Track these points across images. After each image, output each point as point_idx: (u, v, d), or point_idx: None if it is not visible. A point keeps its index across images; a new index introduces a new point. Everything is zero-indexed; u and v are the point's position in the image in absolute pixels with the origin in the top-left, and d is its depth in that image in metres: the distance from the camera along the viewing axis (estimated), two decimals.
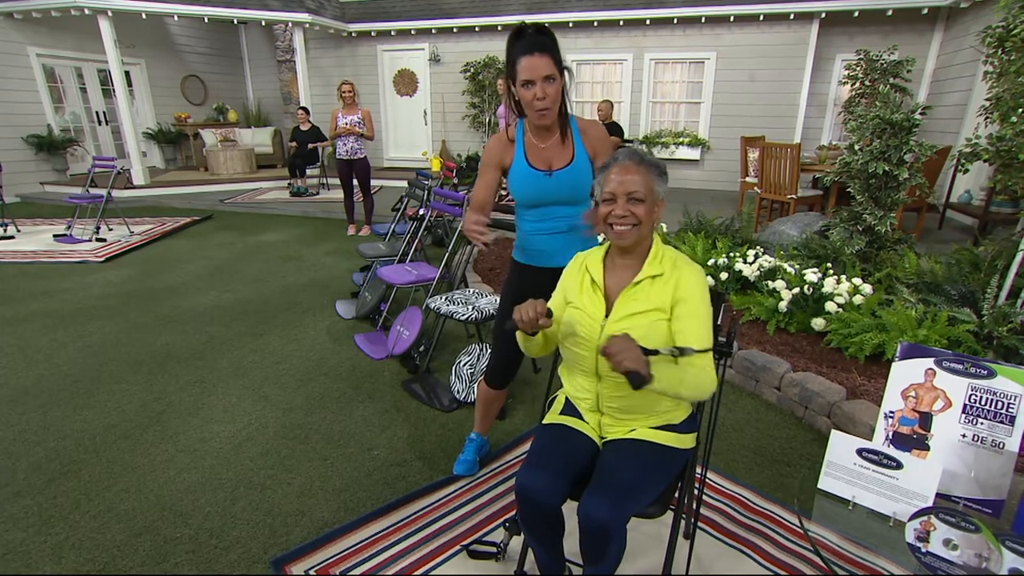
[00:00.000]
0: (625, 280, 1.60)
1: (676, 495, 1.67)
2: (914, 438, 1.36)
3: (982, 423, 1.30)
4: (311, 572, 1.94)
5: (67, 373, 3.42)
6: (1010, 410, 1.28)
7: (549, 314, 1.47)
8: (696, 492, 1.92)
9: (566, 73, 1.94)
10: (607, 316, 1.59)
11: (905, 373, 1.38)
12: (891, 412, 1.39)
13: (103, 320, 4.28)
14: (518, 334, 1.65)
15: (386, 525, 2.16)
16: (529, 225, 2.13)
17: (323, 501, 2.29)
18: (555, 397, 1.85)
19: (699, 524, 2.13)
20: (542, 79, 1.85)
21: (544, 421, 1.75)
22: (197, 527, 2.15)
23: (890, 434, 1.39)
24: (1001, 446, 1.29)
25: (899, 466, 1.30)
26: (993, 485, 1.29)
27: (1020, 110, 3.20)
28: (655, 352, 1.24)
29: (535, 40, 1.85)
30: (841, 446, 1.36)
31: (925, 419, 1.35)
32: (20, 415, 2.96)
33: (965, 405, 1.31)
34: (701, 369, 1.47)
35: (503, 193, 5.25)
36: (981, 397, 1.30)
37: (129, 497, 2.32)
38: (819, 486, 1.38)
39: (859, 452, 1.33)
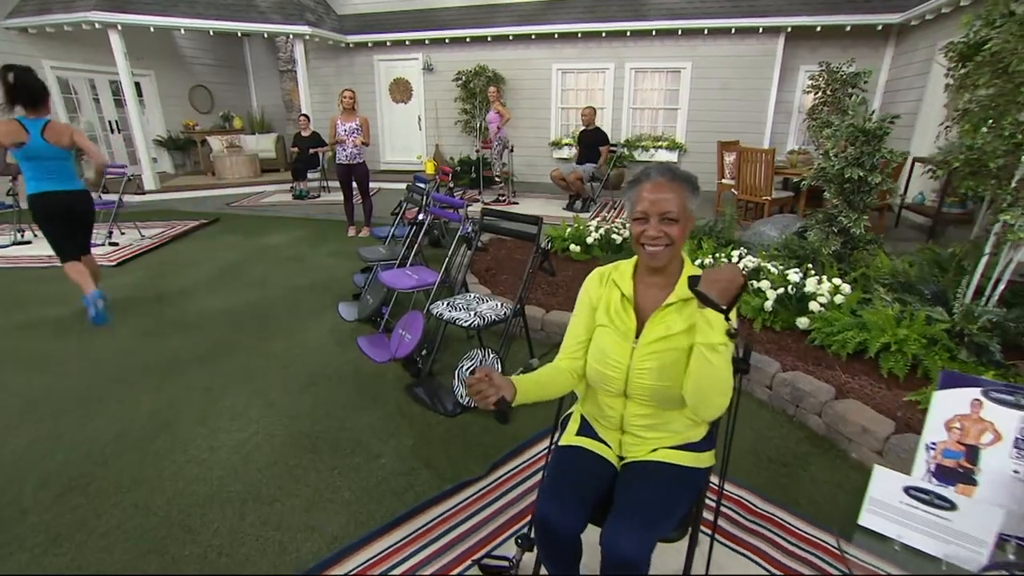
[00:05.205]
0: (657, 300, 1.40)
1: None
2: (960, 472, 1.17)
3: None
4: None
5: (79, 380, 3.17)
6: None
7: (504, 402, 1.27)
8: (714, 506, 1.74)
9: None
10: (637, 337, 1.40)
11: (949, 403, 1.19)
12: (933, 444, 1.21)
13: (116, 324, 4.00)
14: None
15: (397, 539, 1.97)
16: None
17: (332, 514, 2.09)
18: (570, 414, 1.67)
19: (703, 529, 1.96)
20: None
21: (560, 443, 1.57)
22: (206, 544, 1.95)
23: (932, 467, 1.21)
24: None
25: (952, 507, 1.11)
26: None
27: (990, 121, 3.05)
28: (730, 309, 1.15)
29: None
30: (886, 482, 1.17)
31: (972, 452, 1.17)
32: (34, 423, 2.72)
33: (1017, 439, 1.12)
34: (728, 379, 1.32)
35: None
36: None
37: (138, 513, 2.10)
38: (860, 522, 1.20)
39: (906, 490, 1.15)
